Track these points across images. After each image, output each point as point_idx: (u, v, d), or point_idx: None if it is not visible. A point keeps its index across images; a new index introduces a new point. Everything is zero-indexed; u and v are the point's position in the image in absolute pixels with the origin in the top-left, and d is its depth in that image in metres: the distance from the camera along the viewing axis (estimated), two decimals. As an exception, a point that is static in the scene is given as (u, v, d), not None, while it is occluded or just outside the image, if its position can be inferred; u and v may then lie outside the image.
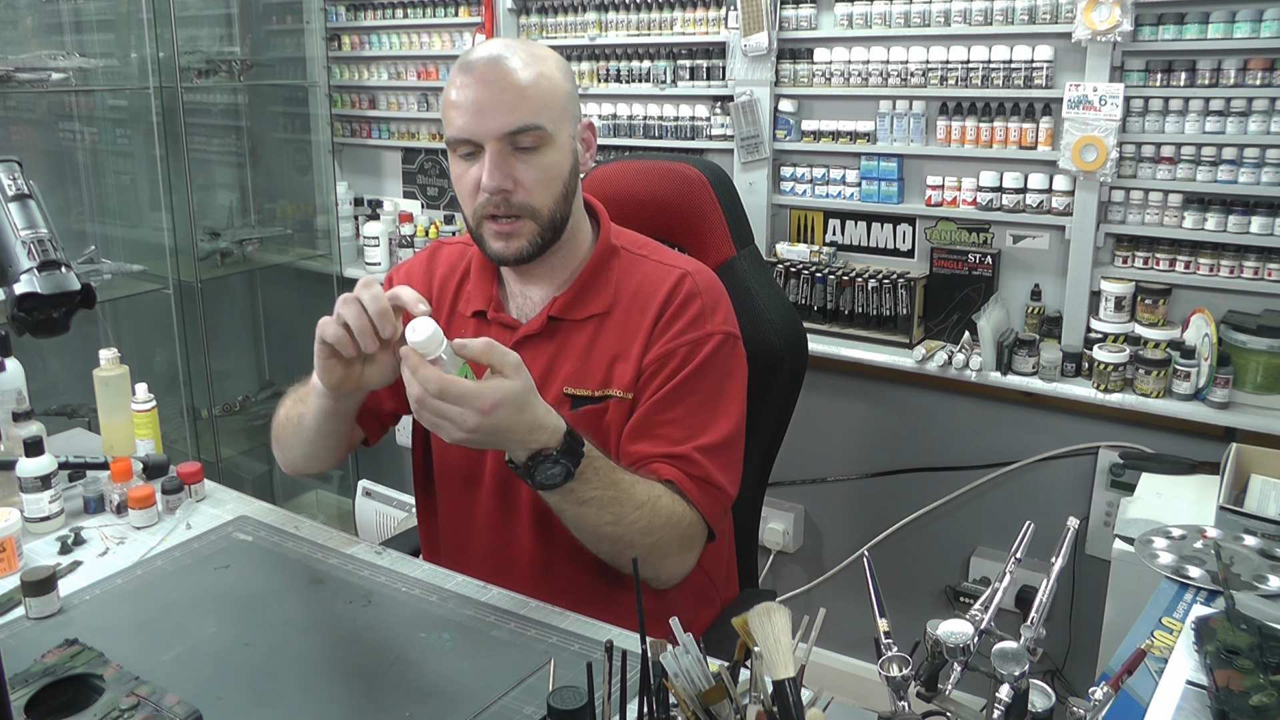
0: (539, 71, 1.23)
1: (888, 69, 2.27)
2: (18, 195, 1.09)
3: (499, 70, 1.21)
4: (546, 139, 1.23)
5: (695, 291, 1.30)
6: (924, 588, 2.43)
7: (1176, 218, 2.02)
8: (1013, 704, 0.81)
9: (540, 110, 1.22)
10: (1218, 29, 1.91)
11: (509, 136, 1.21)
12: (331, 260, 3.21)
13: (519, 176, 1.22)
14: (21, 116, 2.83)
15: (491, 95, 1.20)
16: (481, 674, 1.05)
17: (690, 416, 1.25)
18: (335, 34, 3.18)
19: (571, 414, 1.27)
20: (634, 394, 1.28)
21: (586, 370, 1.30)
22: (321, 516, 3.32)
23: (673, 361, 1.26)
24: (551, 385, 1.30)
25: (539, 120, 1.21)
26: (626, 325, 1.30)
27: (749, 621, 0.82)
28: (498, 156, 1.21)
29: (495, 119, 1.20)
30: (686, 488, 1.22)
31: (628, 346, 1.29)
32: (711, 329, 1.28)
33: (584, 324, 1.31)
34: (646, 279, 1.32)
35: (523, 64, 1.22)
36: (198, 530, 1.38)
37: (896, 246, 2.39)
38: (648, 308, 1.30)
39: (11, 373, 1.50)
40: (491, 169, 1.21)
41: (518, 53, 1.23)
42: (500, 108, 1.20)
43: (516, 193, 1.23)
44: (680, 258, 1.38)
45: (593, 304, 1.31)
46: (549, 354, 1.31)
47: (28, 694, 0.95)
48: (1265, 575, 1.24)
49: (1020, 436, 2.26)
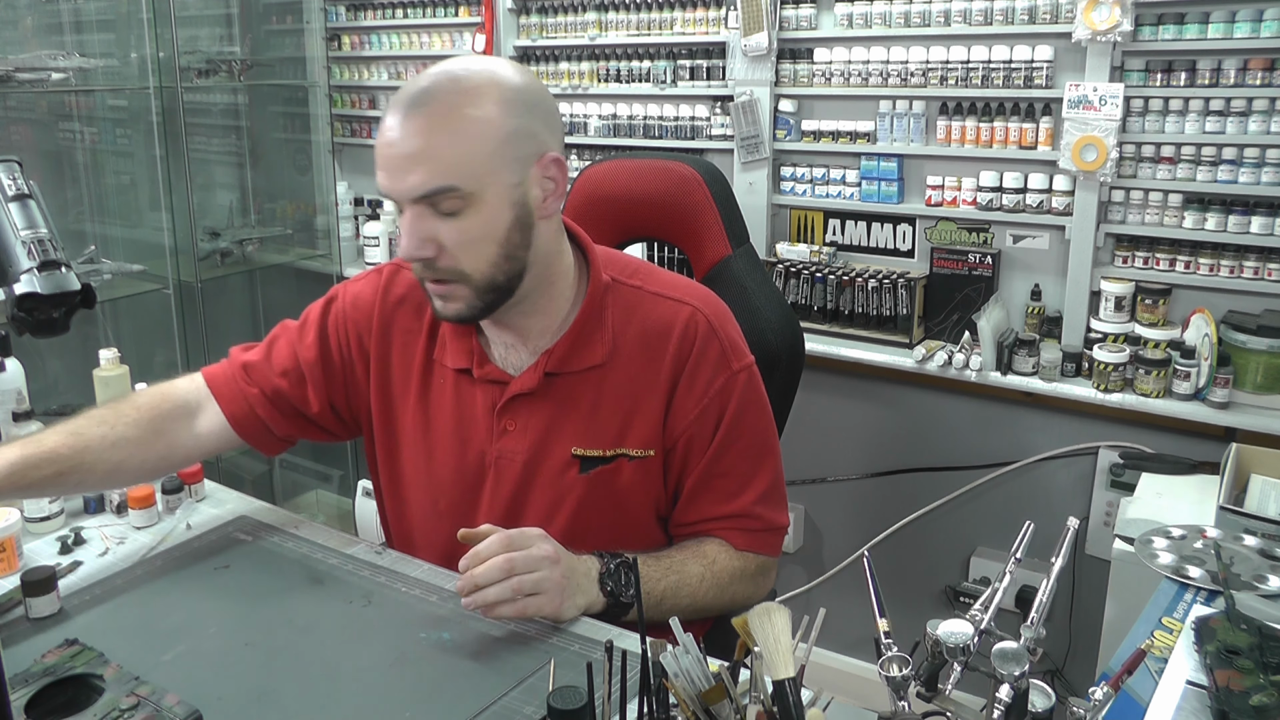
0: (465, 118, 1.05)
1: (888, 69, 2.27)
2: (18, 195, 1.09)
3: (417, 120, 1.05)
4: (469, 200, 1.07)
5: (711, 332, 1.21)
6: (924, 588, 2.43)
7: (1176, 218, 2.02)
8: (1013, 704, 0.81)
9: (456, 169, 1.05)
10: (1218, 29, 1.91)
11: (423, 199, 1.07)
12: (331, 260, 3.21)
13: (441, 240, 1.08)
14: (21, 116, 2.83)
15: (405, 149, 1.05)
16: (481, 674, 1.04)
17: (739, 464, 1.24)
18: (335, 34, 3.18)
19: (582, 477, 1.21)
20: (657, 452, 1.22)
21: (596, 428, 1.21)
22: (321, 516, 3.32)
23: (710, 417, 1.21)
24: (556, 446, 1.21)
25: (452, 182, 1.05)
26: (636, 376, 1.20)
27: (749, 621, 0.82)
28: (414, 220, 1.08)
29: (405, 179, 1.06)
30: (750, 546, 1.25)
31: (641, 400, 1.20)
32: (737, 367, 1.23)
33: (584, 376, 1.20)
34: (650, 320, 1.22)
35: (447, 109, 1.05)
36: (198, 530, 1.37)
37: (896, 246, 2.39)
38: (659, 356, 1.20)
39: (11, 373, 1.50)
40: (408, 235, 1.08)
41: (447, 92, 1.06)
42: (411, 165, 1.05)
43: (441, 257, 1.09)
44: (677, 284, 1.26)
45: (591, 354, 1.20)
46: (548, 412, 1.21)
47: (28, 694, 0.95)
48: (1265, 575, 1.24)
49: (1020, 436, 2.26)
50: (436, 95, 1.06)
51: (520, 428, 1.22)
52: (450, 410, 1.26)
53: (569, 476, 1.22)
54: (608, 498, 1.22)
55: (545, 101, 1.14)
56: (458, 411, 1.25)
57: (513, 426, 1.22)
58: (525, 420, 1.22)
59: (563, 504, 1.22)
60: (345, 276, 3.20)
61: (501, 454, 1.23)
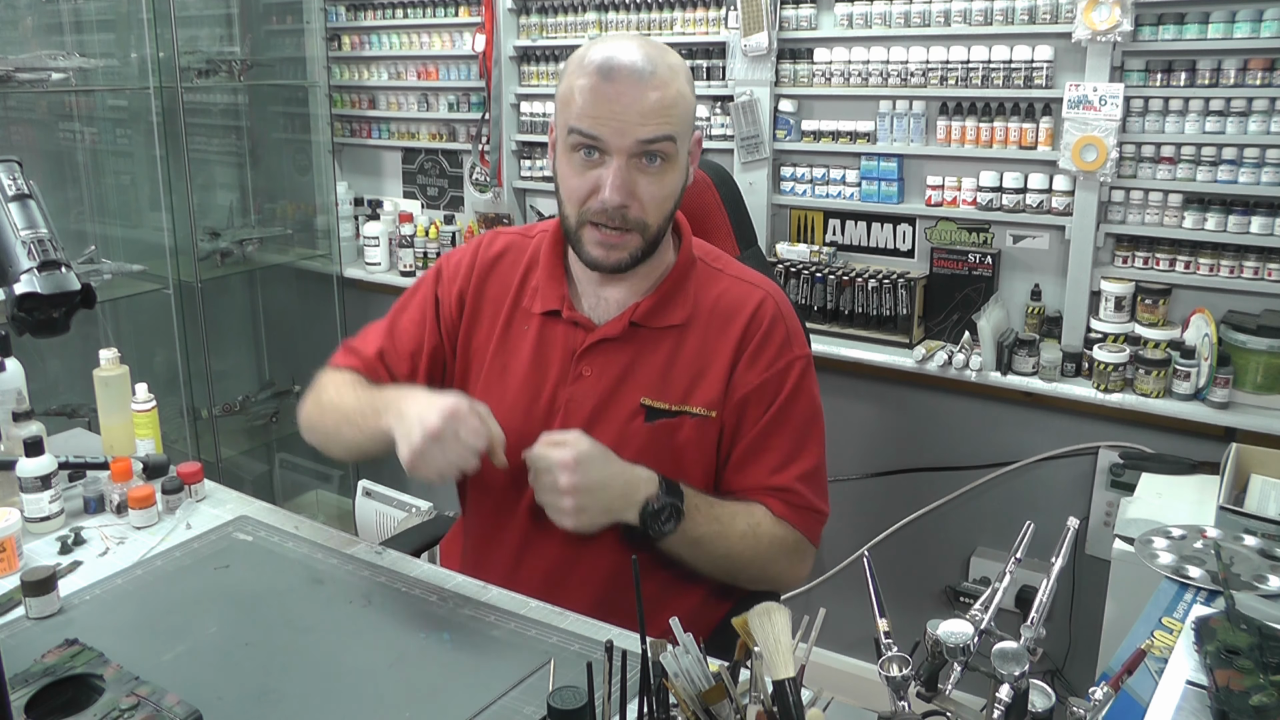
0: (678, 87, 1.20)
1: (888, 69, 2.27)
2: (18, 195, 1.09)
3: (645, 82, 1.18)
4: (673, 155, 1.21)
5: (779, 316, 1.32)
6: (924, 588, 2.43)
7: (1176, 218, 2.02)
8: (1013, 704, 0.81)
9: (678, 126, 1.20)
10: (1218, 29, 1.91)
11: (641, 146, 1.18)
12: (331, 260, 3.21)
13: (639, 192, 1.20)
14: (21, 116, 2.83)
15: (633, 105, 1.17)
16: (481, 674, 1.05)
17: (787, 444, 1.30)
18: (335, 34, 3.18)
19: (646, 426, 1.28)
20: (718, 414, 1.29)
21: (667, 383, 1.29)
22: (321, 516, 3.32)
23: (768, 392, 1.29)
24: (627, 393, 1.29)
25: (672, 131, 1.19)
26: (707, 341, 1.30)
27: (749, 621, 0.82)
28: (624, 170, 1.19)
29: (633, 130, 1.17)
30: (791, 518, 1.28)
31: (709, 364, 1.29)
32: (798, 353, 1.32)
33: (663, 333, 1.30)
34: (726, 295, 1.32)
35: (670, 76, 1.19)
36: (198, 530, 1.38)
37: (896, 246, 2.39)
38: (729, 327, 1.30)
39: (11, 373, 1.50)
40: (617, 183, 1.18)
41: (659, 62, 1.20)
42: (639, 120, 1.17)
43: (633, 208, 1.21)
44: (754, 274, 1.37)
45: (673, 314, 1.30)
46: (625, 360, 1.30)
47: (28, 694, 0.95)
48: (1265, 575, 1.24)
49: (1020, 436, 2.26)
50: (658, 65, 1.19)
51: (596, 373, 1.30)
52: (529, 356, 1.33)
53: (635, 425, 1.28)
54: (667, 451, 1.28)
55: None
56: (537, 356, 1.33)
57: (589, 371, 1.30)
58: (603, 366, 1.30)
59: (623, 451, 1.25)
60: (345, 277, 3.21)
61: (572, 397, 1.30)
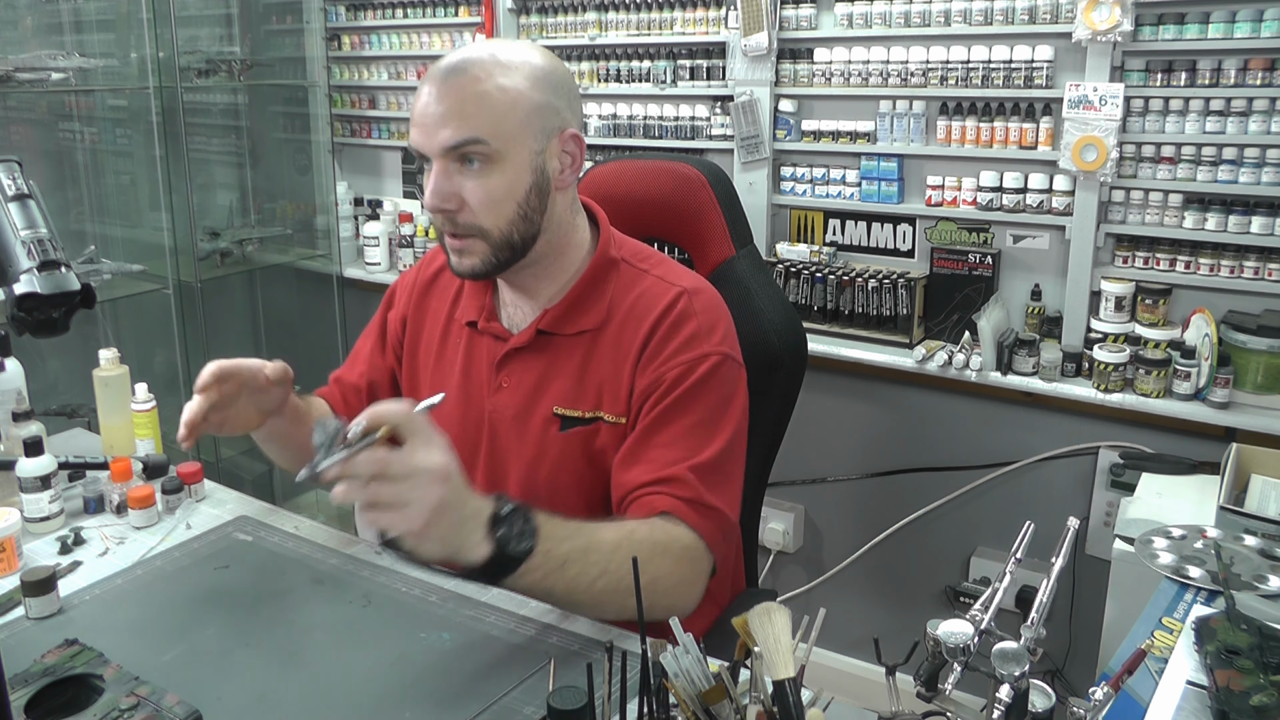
0: (499, 84, 1.15)
1: (888, 69, 2.27)
2: (18, 195, 1.09)
3: (453, 81, 1.15)
4: (494, 156, 1.15)
5: (690, 311, 1.23)
6: (924, 588, 2.43)
7: (1176, 218, 2.02)
8: (1013, 704, 0.81)
9: (488, 125, 1.14)
10: (1218, 29, 1.91)
11: (451, 151, 1.15)
12: (331, 260, 3.21)
13: (465, 195, 1.17)
14: (21, 116, 2.83)
15: (439, 107, 1.15)
16: (481, 674, 1.04)
17: (683, 439, 1.18)
18: (335, 34, 3.18)
19: (560, 435, 1.25)
20: (625, 419, 1.23)
21: (579, 390, 1.25)
22: (321, 516, 3.31)
23: (664, 385, 1.20)
24: (540, 403, 1.27)
25: (481, 135, 1.14)
26: (619, 344, 1.25)
27: (749, 621, 0.82)
28: (441, 174, 1.17)
29: (437, 133, 1.15)
30: (680, 512, 1.14)
31: (619, 368, 1.24)
32: (708, 350, 1.22)
33: (575, 339, 1.26)
34: (644, 296, 1.26)
35: (484, 74, 1.15)
36: (198, 530, 1.38)
37: (896, 246, 2.39)
38: (640, 326, 1.24)
39: (11, 373, 1.50)
40: (434, 186, 1.17)
41: (484, 61, 1.16)
42: (444, 121, 1.14)
43: (462, 212, 1.18)
44: (685, 274, 1.30)
45: (584, 319, 1.26)
46: (539, 369, 1.28)
47: (28, 694, 0.95)
48: (1265, 575, 1.24)
49: (1020, 436, 2.26)
50: (473, 65, 1.16)
51: (514, 384, 1.29)
52: (460, 369, 1.34)
53: (550, 434, 1.27)
54: (585, 459, 1.25)
55: (569, 84, 1.25)
56: (465, 369, 1.34)
57: (507, 383, 1.30)
58: (519, 376, 1.29)
59: (542, 461, 1.26)
60: (345, 277, 3.21)
61: (495, 409, 1.31)
